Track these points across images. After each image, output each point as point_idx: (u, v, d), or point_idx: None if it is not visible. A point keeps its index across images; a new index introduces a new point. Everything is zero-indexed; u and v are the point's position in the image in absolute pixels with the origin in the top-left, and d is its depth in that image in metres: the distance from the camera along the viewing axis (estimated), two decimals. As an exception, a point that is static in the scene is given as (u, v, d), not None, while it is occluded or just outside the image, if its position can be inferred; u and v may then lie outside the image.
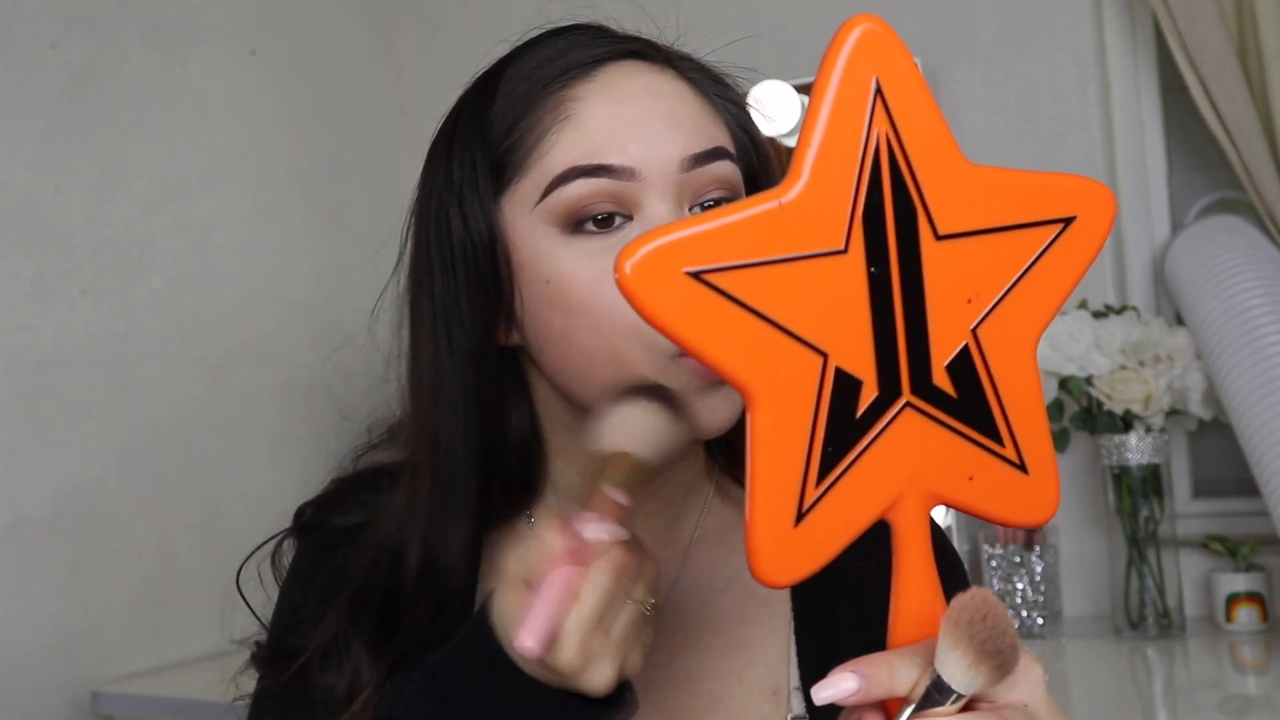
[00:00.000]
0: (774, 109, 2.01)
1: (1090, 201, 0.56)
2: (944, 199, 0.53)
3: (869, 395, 0.52)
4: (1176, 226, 1.99)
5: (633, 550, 0.63)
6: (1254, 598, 1.79)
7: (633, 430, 0.68)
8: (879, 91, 0.51)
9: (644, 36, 0.77)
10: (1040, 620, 1.84)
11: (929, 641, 0.52)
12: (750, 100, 0.80)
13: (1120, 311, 1.84)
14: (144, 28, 2.03)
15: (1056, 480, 0.57)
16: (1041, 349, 1.81)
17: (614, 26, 0.78)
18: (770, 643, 0.78)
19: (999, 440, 0.55)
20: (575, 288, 0.70)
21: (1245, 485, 1.79)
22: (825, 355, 0.51)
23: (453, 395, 0.76)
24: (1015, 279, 0.54)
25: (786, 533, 0.51)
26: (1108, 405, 1.78)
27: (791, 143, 2.08)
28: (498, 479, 0.77)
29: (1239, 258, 1.75)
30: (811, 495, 0.51)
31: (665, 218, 0.70)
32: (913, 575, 0.55)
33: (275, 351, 2.20)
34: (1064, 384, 1.82)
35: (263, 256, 2.20)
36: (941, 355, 0.53)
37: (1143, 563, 1.80)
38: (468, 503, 0.76)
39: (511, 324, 0.74)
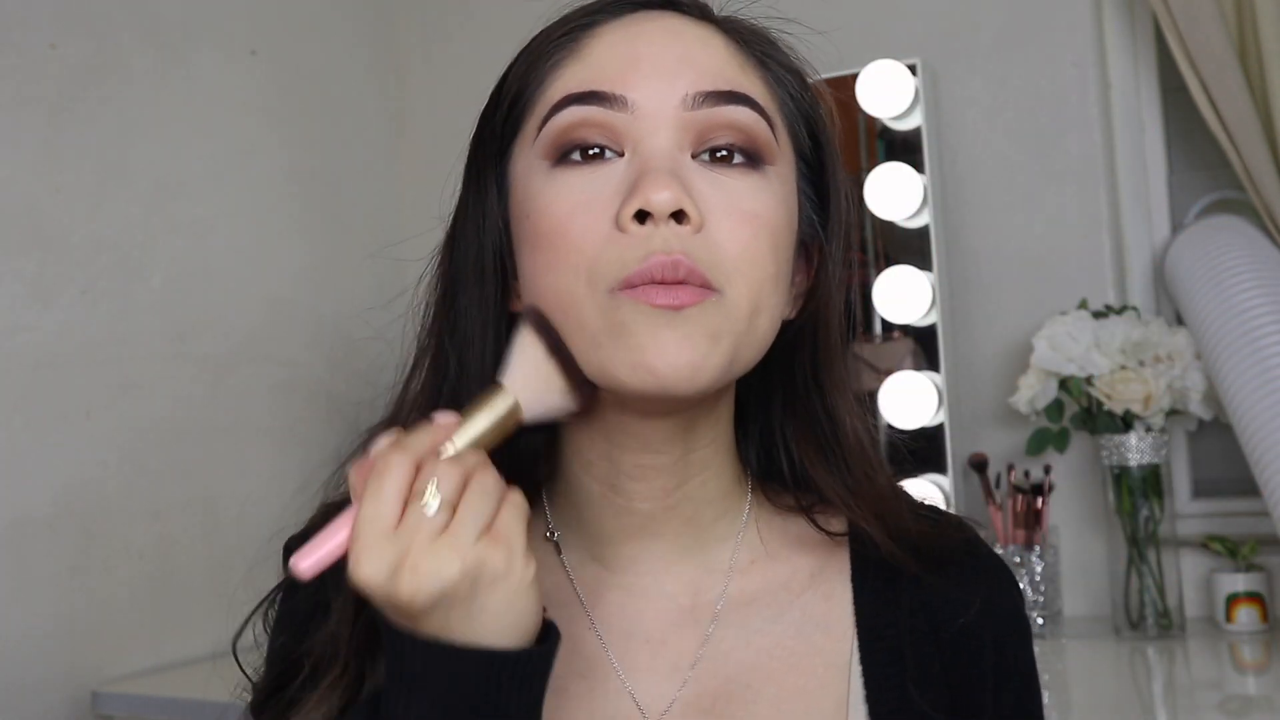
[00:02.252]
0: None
1: None
2: None
3: None
4: (1176, 226, 1.99)
5: (418, 451, 0.60)
6: (1254, 598, 1.79)
7: (520, 367, 0.64)
8: None
9: (704, 8, 0.73)
10: (1040, 620, 1.84)
11: None
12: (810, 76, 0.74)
13: (1120, 311, 1.84)
14: (144, 28, 2.03)
15: None
16: (1041, 349, 1.82)
17: None
18: (824, 696, 0.72)
19: None
20: (546, 220, 0.66)
21: (1245, 485, 1.79)
22: None
23: (465, 360, 0.72)
24: None
25: None
26: (1108, 405, 1.78)
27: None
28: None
29: (1239, 258, 1.75)
30: None
31: (660, 154, 0.65)
32: None
33: (275, 351, 2.21)
34: (1064, 384, 1.82)
35: (263, 256, 2.20)
36: None
37: (1143, 563, 1.80)
38: None
39: (516, 282, 0.71)
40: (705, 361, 0.65)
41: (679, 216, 0.64)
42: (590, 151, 0.66)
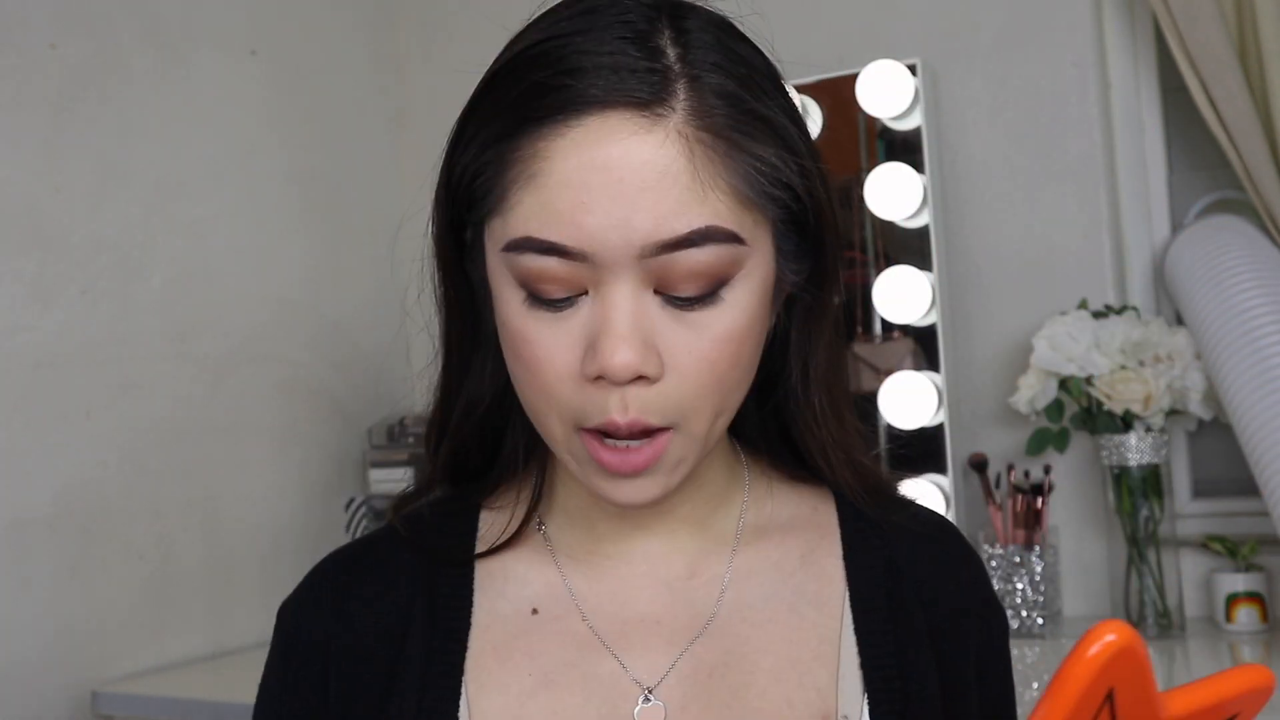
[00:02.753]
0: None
1: (1256, 696, 0.58)
2: None
3: None
4: (1176, 226, 1.99)
5: None
6: (1254, 598, 1.79)
7: None
8: (1110, 698, 0.54)
9: (679, 42, 0.66)
10: (1040, 620, 1.84)
11: None
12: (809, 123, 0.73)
13: (1120, 311, 1.84)
14: (144, 28, 2.03)
15: None
16: (1041, 349, 1.82)
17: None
18: (819, 667, 0.75)
19: None
20: (524, 347, 0.68)
21: (1245, 485, 1.79)
22: None
23: (484, 356, 0.77)
24: None
25: None
26: (1108, 405, 1.78)
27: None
28: (499, 475, 0.79)
29: (1239, 258, 1.75)
30: None
31: (619, 307, 0.65)
32: None
33: (275, 351, 2.21)
34: (1064, 384, 1.82)
35: (262, 256, 2.20)
36: None
37: (1143, 563, 1.80)
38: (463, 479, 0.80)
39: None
40: (666, 488, 0.70)
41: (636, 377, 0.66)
42: (558, 299, 0.67)
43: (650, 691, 0.73)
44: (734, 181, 0.66)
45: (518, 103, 0.66)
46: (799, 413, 0.77)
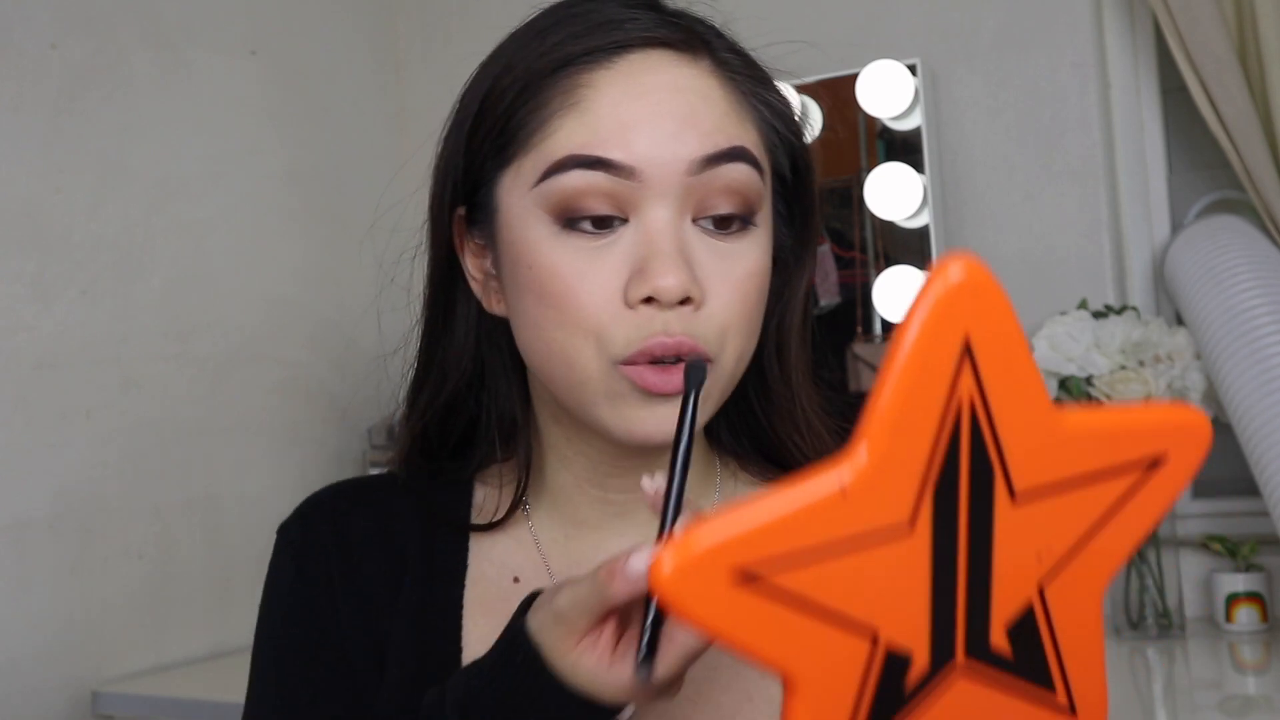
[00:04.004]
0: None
1: (1183, 436, 0.49)
2: (1025, 456, 0.46)
3: (919, 669, 0.46)
4: (1176, 226, 1.99)
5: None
6: (1254, 598, 1.79)
7: None
8: (968, 350, 0.44)
9: (686, 16, 0.73)
10: (1040, 620, 1.84)
11: None
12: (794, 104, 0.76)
13: (1120, 311, 1.84)
14: (144, 28, 2.03)
15: (1105, 712, 0.52)
16: (1041, 349, 1.81)
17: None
18: None
19: (1051, 688, 0.50)
20: (557, 281, 0.67)
21: (1245, 485, 1.79)
22: (876, 636, 0.45)
23: (446, 345, 0.77)
24: (1091, 527, 0.48)
25: None
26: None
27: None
28: (483, 450, 0.79)
29: (1239, 258, 1.75)
30: None
31: (665, 232, 0.67)
32: None
33: (275, 351, 2.21)
34: (1064, 384, 1.82)
35: (262, 257, 2.20)
36: (1003, 617, 0.48)
37: (1143, 563, 1.80)
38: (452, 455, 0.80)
39: (499, 294, 0.74)
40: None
41: (683, 299, 0.67)
42: (597, 218, 0.68)
43: None
44: (758, 119, 0.72)
45: (553, 48, 0.70)
46: (774, 384, 0.78)
